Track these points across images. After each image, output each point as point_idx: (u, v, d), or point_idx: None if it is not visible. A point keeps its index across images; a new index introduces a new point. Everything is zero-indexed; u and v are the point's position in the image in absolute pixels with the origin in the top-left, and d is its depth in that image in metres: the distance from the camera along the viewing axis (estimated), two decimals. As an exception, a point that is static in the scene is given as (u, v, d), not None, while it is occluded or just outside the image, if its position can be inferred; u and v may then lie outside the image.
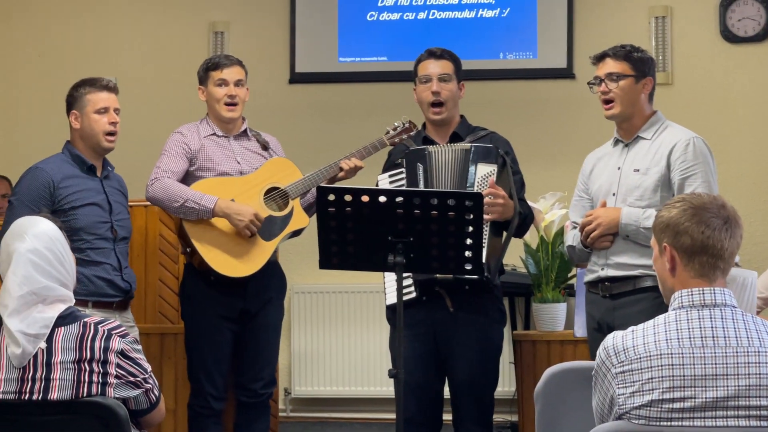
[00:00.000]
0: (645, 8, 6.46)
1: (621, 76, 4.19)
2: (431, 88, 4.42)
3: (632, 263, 4.10)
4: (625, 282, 4.12)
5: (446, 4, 6.59)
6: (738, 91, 6.39)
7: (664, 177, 4.10)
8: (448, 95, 4.43)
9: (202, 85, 4.83)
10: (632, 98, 4.20)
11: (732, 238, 2.65)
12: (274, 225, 4.68)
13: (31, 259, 3.12)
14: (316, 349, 6.39)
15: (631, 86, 4.20)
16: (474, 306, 4.23)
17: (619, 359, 2.63)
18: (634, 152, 4.21)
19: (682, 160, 4.09)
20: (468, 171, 4.23)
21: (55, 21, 6.82)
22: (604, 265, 4.18)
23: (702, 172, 4.07)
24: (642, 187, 4.13)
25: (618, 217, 4.11)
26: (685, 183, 4.06)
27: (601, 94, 4.24)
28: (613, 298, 4.15)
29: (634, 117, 4.23)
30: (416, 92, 4.51)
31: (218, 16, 6.71)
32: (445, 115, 4.45)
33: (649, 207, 4.09)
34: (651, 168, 4.13)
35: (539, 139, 6.45)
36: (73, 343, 3.06)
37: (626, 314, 4.02)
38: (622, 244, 4.13)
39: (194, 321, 4.72)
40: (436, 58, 4.48)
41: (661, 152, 4.13)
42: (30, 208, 4.38)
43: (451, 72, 4.46)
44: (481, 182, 4.21)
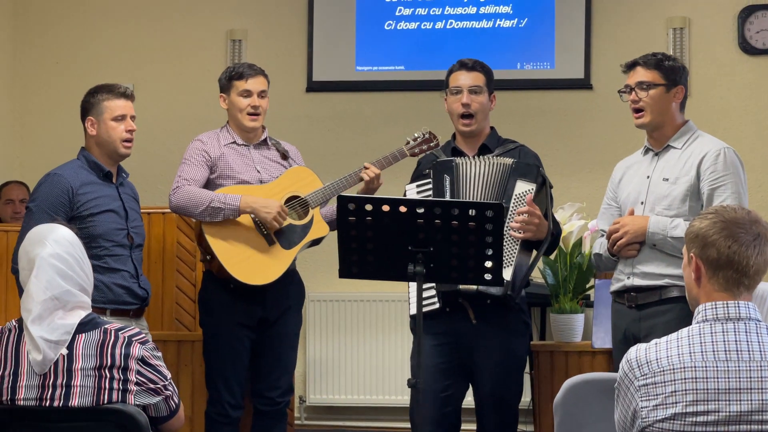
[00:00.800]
0: (663, 19, 6.46)
1: (651, 85, 4.17)
2: (461, 100, 4.41)
3: (659, 273, 4.08)
4: (651, 292, 4.10)
5: (464, 13, 6.60)
6: (756, 103, 6.38)
7: (694, 187, 4.08)
8: (478, 107, 4.42)
9: (224, 93, 4.83)
10: (662, 107, 4.18)
11: (760, 255, 2.64)
12: (294, 233, 4.68)
13: (54, 264, 3.13)
14: (331, 358, 6.39)
15: (662, 95, 4.18)
16: (497, 318, 4.22)
17: (642, 372, 2.62)
18: (664, 161, 4.19)
19: (712, 170, 4.06)
20: (507, 185, 4.21)
21: (72, 28, 6.85)
22: (630, 274, 4.16)
23: (732, 183, 4.04)
24: (671, 197, 4.11)
25: (645, 225, 4.09)
26: (714, 194, 4.04)
27: (631, 102, 4.21)
28: (639, 308, 4.13)
29: (665, 126, 4.20)
30: (447, 102, 4.50)
31: (236, 24, 6.73)
32: (474, 127, 4.44)
33: (678, 216, 4.07)
34: (680, 177, 4.11)
35: (557, 150, 6.44)
36: (94, 350, 3.07)
37: (652, 325, 4.00)
38: (649, 253, 4.11)
39: (213, 328, 4.73)
40: (468, 69, 4.46)
41: (691, 162, 4.11)
42: (49, 214, 4.39)
43: (482, 84, 4.45)
44: (518, 198, 4.19)
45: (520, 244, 4.17)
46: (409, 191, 4.35)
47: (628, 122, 6.22)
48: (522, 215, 4.13)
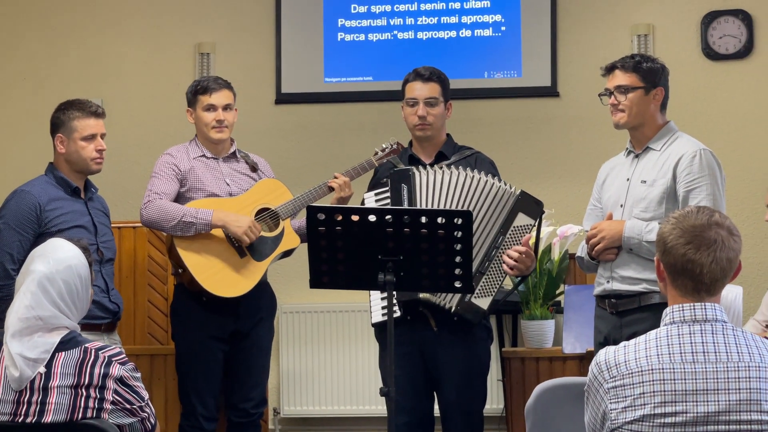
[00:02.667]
0: (628, 27, 6.51)
1: (630, 88, 4.16)
2: (417, 112, 4.42)
3: (636, 277, 4.09)
4: (631, 299, 4.10)
5: (431, 24, 6.62)
6: (720, 108, 6.43)
7: (670, 189, 4.08)
8: (434, 119, 4.44)
9: (191, 108, 4.84)
10: (642, 110, 4.17)
11: (715, 263, 2.63)
12: (266, 245, 4.69)
13: (45, 286, 3.12)
14: (305, 369, 6.39)
15: (641, 98, 4.17)
16: (459, 324, 4.22)
17: (611, 374, 2.64)
18: (644, 163, 4.19)
19: (688, 172, 4.06)
20: (509, 215, 4.18)
21: (39, 43, 6.82)
22: (609, 278, 4.17)
23: (707, 185, 4.04)
24: (647, 199, 4.11)
25: (621, 230, 4.09)
26: (690, 195, 4.04)
27: (611, 106, 4.22)
28: (620, 315, 4.14)
29: (644, 127, 4.20)
30: (403, 111, 4.52)
31: (204, 38, 6.73)
32: (429, 133, 4.45)
33: (654, 219, 4.06)
34: (658, 179, 4.11)
35: (525, 157, 6.48)
36: (73, 369, 3.06)
37: (634, 332, 3.94)
38: (627, 257, 4.12)
39: (185, 341, 4.73)
40: (424, 80, 4.46)
41: (668, 164, 4.10)
42: (17, 232, 4.38)
43: (438, 95, 4.45)
44: (516, 231, 4.19)
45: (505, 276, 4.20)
46: (367, 199, 4.35)
47: (595, 129, 6.31)
48: (518, 253, 4.13)
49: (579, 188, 6.14)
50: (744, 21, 6.39)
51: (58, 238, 3.29)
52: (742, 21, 6.39)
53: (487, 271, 4.17)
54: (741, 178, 6.29)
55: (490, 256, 4.17)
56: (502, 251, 4.17)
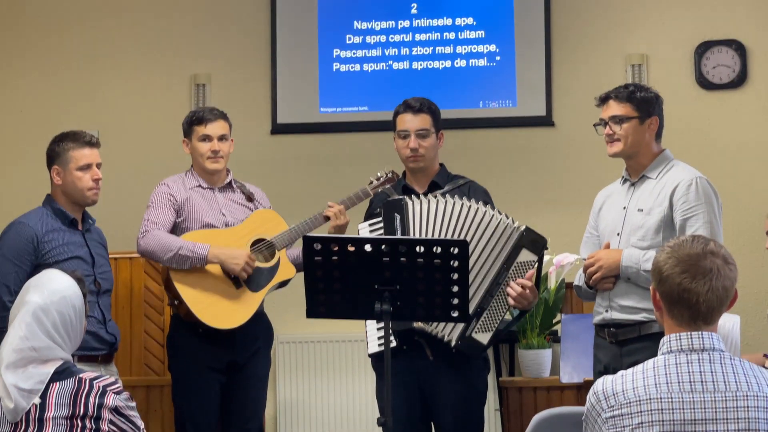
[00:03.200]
0: (622, 56, 6.53)
1: (624, 118, 4.17)
2: (409, 145, 4.43)
3: (635, 306, 4.09)
4: (631, 328, 4.09)
5: (425, 54, 6.65)
6: (714, 138, 6.45)
7: (667, 217, 4.08)
8: (426, 150, 4.45)
9: (187, 138, 4.86)
10: (637, 139, 4.18)
11: (711, 292, 2.62)
12: (261, 276, 4.69)
13: (39, 317, 3.11)
14: (302, 399, 6.37)
15: (636, 128, 4.18)
16: (455, 354, 4.20)
17: (609, 404, 2.64)
18: (640, 192, 4.19)
19: (684, 200, 4.07)
20: (513, 251, 4.15)
21: (35, 75, 6.84)
22: (608, 307, 4.17)
23: (704, 213, 4.04)
24: (644, 228, 4.11)
25: (619, 259, 4.09)
26: (687, 224, 4.04)
27: (607, 136, 4.23)
28: (620, 344, 4.13)
29: (640, 156, 4.21)
30: (395, 142, 4.53)
31: (200, 69, 6.75)
32: (422, 164, 4.47)
33: (651, 248, 4.06)
34: (654, 208, 4.11)
35: (520, 187, 6.49)
36: (68, 399, 3.05)
37: (635, 361, 3.90)
38: (625, 286, 4.12)
39: (182, 373, 4.72)
40: (414, 112, 4.46)
41: (664, 192, 4.11)
42: (14, 263, 4.39)
43: (429, 126, 4.46)
44: (519, 267, 4.16)
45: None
46: (362, 230, 4.35)
47: (590, 158, 6.32)
48: (521, 287, 4.12)
49: (575, 217, 6.14)
50: (737, 51, 6.42)
51: (53, 269, 3.28)
52: (735, 51, 6.42)
53: (488, 307, 4.16)
54: (736, 207, 6.30)
55: (493, 292, 4.15)
56: (505, 287, 4.15)
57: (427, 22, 6.68)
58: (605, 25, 6.58)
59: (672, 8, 6.53)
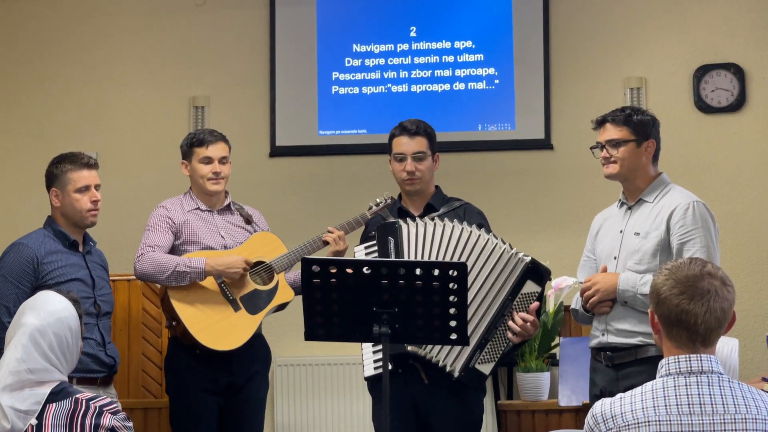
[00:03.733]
0: (620, 80, 6.55)
1: (621, 141, 4.18)
2: (406, 168, 4.43)
3: (632, 330, 4.08)
4: (627, 352, 4.09)
5: (424, 77, 6.67)
6: (713, 161, 6.46)
7: (664, 241, 4.08)
8: (422, 173, 4.45)
9: (186, 160, 4.86)
10: (633, 162, 4.18)
11: (709, 313, 2.63)
12: (260, 299, 4.69)
13: (36, 339, 3.11)
14: (300, 422, 6.36)
15: (633, 151, 4.18)
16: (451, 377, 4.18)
17: (607, 426, 2.64)
18: (637, 215, 4.19)
19: (681, 224, 4.06)
20: (519, 282, 4.12)
21: (35, 97, 6.85)
22: (605, 330, 4.16)
23: (701, 237, 4.04)
24: (641, 251, 4.11)
25: (616, 282, 4.09)
26: (684, 248, 4.03)
27: (603, 159, 4.23)
28: (616, 368, 4.12)
29: (637, 179, 4.21)
30: (391, 165, 4.54)
31: (199, 91, 6.76)
32: (418, 187, 4.47)
33: (648, 271, 4.06)
34: (651, 232, 4.11)
35: (519, 209, 6.49)
36: (64, 420, 3.05)
37: (630, 385, 3.88)
38: (622, 310, 4.11)
39: (179, 394, 4.70)
40: (410, 135, 4.47)
41: (661, 216, 4.11)
42: (14, 285, 4.39)
43: (425, 149, 4.47)
44: (523, 298, 4.14)
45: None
46: (358, 253, 4.35)
47: (589, 181, 6.33)
48: (523, 321, 4.11)
49: (573, 240, 6.15)
50: (736, 74, 6.43)
51: (48, 291, 3.29)
52: (734, 74, 6.44)
53: (493, 338, 4.14)
54: (734, 230, 6.30)
55: (497, 324, 4.12)
56: (508, 318, 4.14)
57: (426, 45, 6.70)
58: (604, 48, 6.60)
59: (671, 32, 6.55)
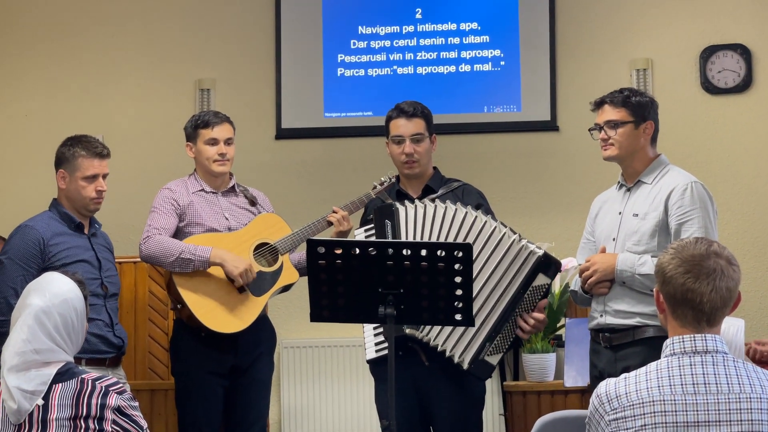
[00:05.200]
0: (626, 61, 6.53)
1: (619, 123, 4.18)
2: (404, 150, 4.43)
3: (630, 310, 4.09)
4: (625, 333, 4.09)
5: (430, 59, 6.65)
6: (719, 142, 6.44)
7: (662, 222, 4.08)
8: (421, 155, 4.44)
9: (191, 142, 4.85)
10: (632, 144, 4.18)
11: (715, 292, 2.64)
12: (264, 281, 4.69)
13: (41, 319, 3.11)
14: (306, 404, 6.37)
15: (631, 132, 4.18)
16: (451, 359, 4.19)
17: (612, 406, 2.64)
18: (635, 197, 4.19)
19: (679, 205, 4.06)
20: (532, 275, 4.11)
21: (41, 80, 6.85)
22: (603, 311, 4.17)
23: (699, 218, 4.04)
24: (640, 232, 4.11)
25: (614, 263, 4.09)
26: (682, 228, 4.03)
27: (601, 140, 4.23)
28: (614, 349, 4.13)
29: (635, 161, 4.21)
30: (389, 148, 4.53)
31: (204, 74, 6.76)
32: (418, 170, 4.47)
33: (646, 252, 4.07)
34: (649, 213, 4.11)
35: (525, 191, 6.49)
36: (70, 400, 3.06)
37: (628, 366, 3.88)
38: (620, 290, 4.11)
39: (184, 377, 4.72)
40: (408, 117, 4.46)
41: (659, 197, 4.11)
42: (21, 267, 4.40)
43: (423, 130, 4.46)
44: (534, 290, 4.14)
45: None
46: (358, 235, 4.35)
47: (595, 162, 6.31)
48: (534, 320, 4.12)
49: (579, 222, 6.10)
50: (743, 55, 6.41)
51: (53, 272, 3.29)
52: (740, 55, 6.42)
53: (503, 330, 4.14)
54: (741, 211, 6.29)
55: (508, 316, 4.13)
56: (519, 311, 4.14)
57: (431, 27, 6.68)
58: (610, 29, 6.58)
59: (677, 13, 6.53)
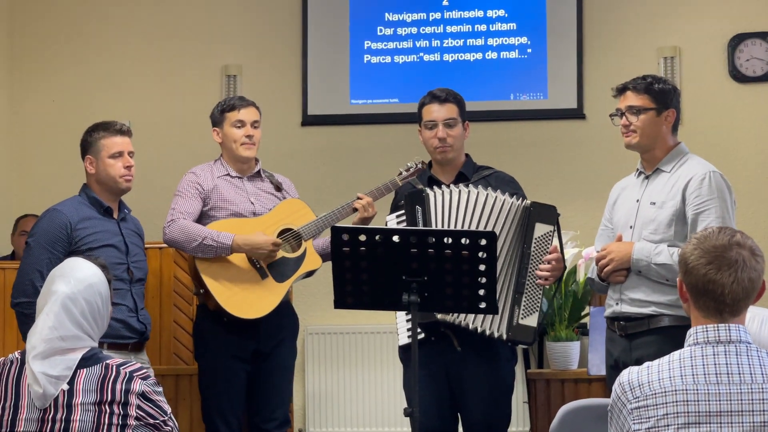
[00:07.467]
0: (654, 49, 6.51)
1: (642, 109, 4.14)
2: (437, 135, 4.43)
3: (645, 299, 4.06)
4: (640, 322, 4.07)
5: (456, 46, 6.65)
6: (747, 131, 6.42)
7: (679, 211, 4.05)
8: (454, 140, 4.45)
9: (217, 127, 4.87)
10: (653, 131, 4.15)
11: (737, 283, 2.62)
12: (287, 266, 4.70)
13: (67, 306, 3.13)
14: (330, 390, 6.40)
15: (652, 119, 4.15)
16: (483, 344, 4.22)
17: (634, 395, 2.64)
18: (654, 185, 4.16)
19: (697, 194, 4.03)
20: (527, 228, 4.19)
21: (68, 67, 6.89)
22: (619, 300, 4.15)
23: (716, 208, 4.00)
24: (657, 221, 4.09)
25: (630, 252, 4.07)
26: (699, 218, 4.00)
27: (622, 126, 4.21)
28: (629, 338, 4.10)
29: (656, 148, 4.18)
30: (421, 135, 4.53)
31: (231, 60, 6.78)
32: (450, 155, 4.47)
33: (663, 241, 4.05)
34: (667, 202, 4.08)
35: (551, 179, 6.48)
36: (95, 385, 3.08)
37: (642, 356, 3.88)
38: (636, 279, 4.09)
39: (208, 362, 4.74)
40: (440, 102, 4.48)
41: (677, 186, 4.08)
42: (48, 250, 4.43)
43: (456, 115, 4.47)
44: (539, 242, 4.19)
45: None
46: (390, 222, 4.36)
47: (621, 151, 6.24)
48: (548, 263, 4.17)
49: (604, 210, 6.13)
50: (771, 44, 6.38)
51: (77, 258, 3.30)
52: (769, 43, 6.38)
53: (525, 289, 4.16)
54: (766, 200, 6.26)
55: (524, 275, 4.17)
56: (534, 266, 4.18)
57: (458, 14, 6.68)
58: (638, 17, 6.55)
59: (705, 1, 6.50)
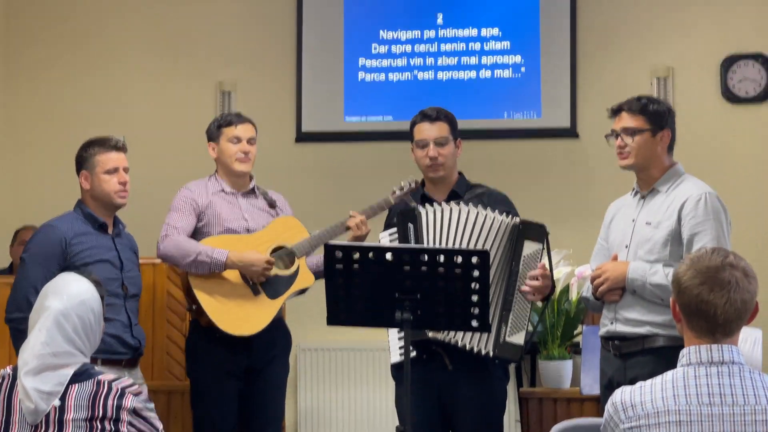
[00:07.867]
0: (647, 69, 6.53)
1: (637, 130, 4.14)
2: (428, 153, 4.44)
3: (640, 319, 4.06)
4: (635, 342, 4.06)
5: (450, 64, 6.67)
6: (739, 151, 6.44)
7: (675, 232, 4.05)
8: (445, 159, 4.46)
9: (213, 142, 4.87)
10: (648, 152, 4.15)
11: (729, 304, 2.62)
12: (280, 283, 4.70)
13: (60, 322, 3.13)
14: (323, 407, 6.39)
15: (648, 140, 4.15)
16: (475, 363, 4.21)
17: (627, 415, 2.64)
18: (650, 205, 4.17)
19: (693, 215, 4.03)
20: (516, 246, 4.20)
21: (63, 83, 6.90)
22: (613, 319, 4.15)
23: (711, 229, 4.00)
24: (652, 241, 4.09)
25: (625, 271, 4.07)
26: (694, 239, 4.00)
27: (618, 147, 4.22)
28: (624, 358, 4.10)
29: (651, 169, 4.18)
30: (414, 153, 4.55)
31: (226, 76, 6.79)
32: (442, 173, 4.47)
33: (658, 261, 4.05)
34: (663, 222, 4.08)
35: (544, 198, 6.49)
36: (86, 401, 3.07)
37: (637, 375, 3.82)
38: (631, 299, 4.09)
39: (199, 378, 4.73)
40: (431, 121, 4.48)
41: (673, 206, 4.08)
42: (42, 265, 4.42)
43: (447, 134, 4.47)
44: (527, 260, 4.20)
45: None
46: (382, 239, 4.36)
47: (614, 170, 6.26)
48: (535, 279, 4.16)
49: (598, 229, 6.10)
50: (763, 65, 6.41)
51: (70, 273, 3.30)
52: (762, 65, 6.41)
53: (513, 307, 4.17)
54: (759, 221, 6.28)
55: (511, 292, 4.18)
56: (521, 283, 4.18)
57: (452, 32, 6.70)
58: (631, 37, 6.58)
59: (698, 21, 6.53)
